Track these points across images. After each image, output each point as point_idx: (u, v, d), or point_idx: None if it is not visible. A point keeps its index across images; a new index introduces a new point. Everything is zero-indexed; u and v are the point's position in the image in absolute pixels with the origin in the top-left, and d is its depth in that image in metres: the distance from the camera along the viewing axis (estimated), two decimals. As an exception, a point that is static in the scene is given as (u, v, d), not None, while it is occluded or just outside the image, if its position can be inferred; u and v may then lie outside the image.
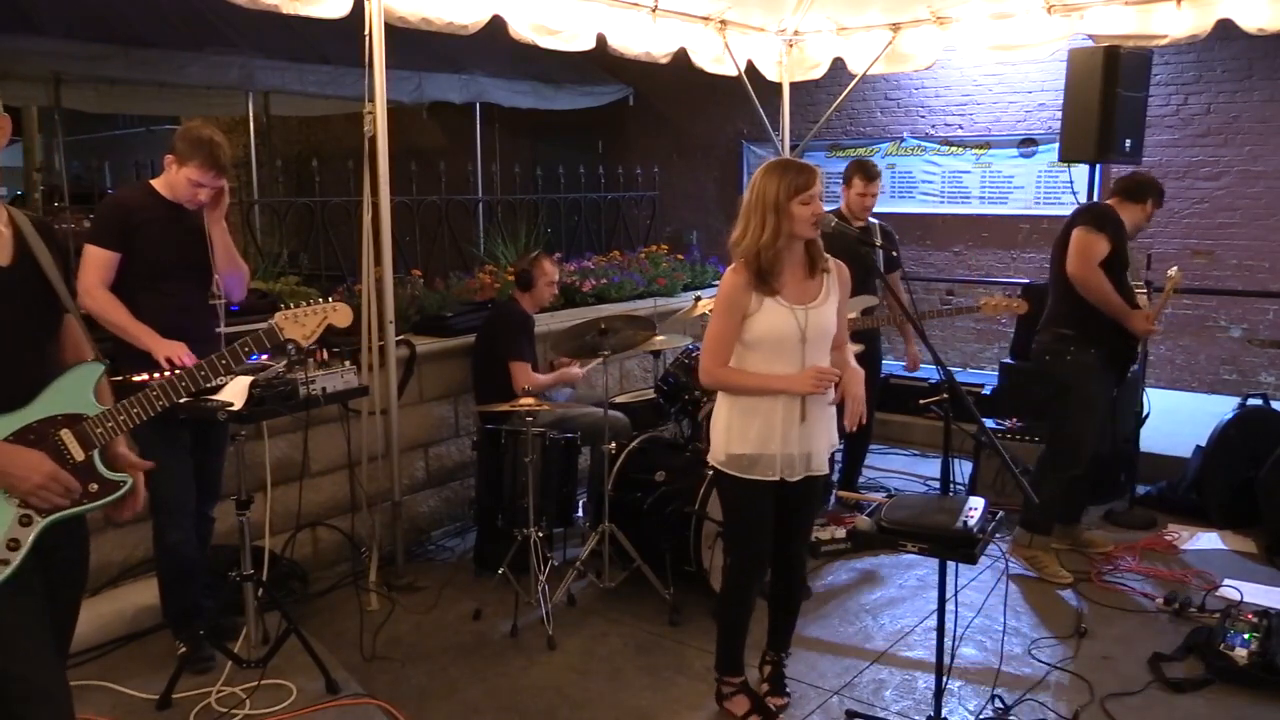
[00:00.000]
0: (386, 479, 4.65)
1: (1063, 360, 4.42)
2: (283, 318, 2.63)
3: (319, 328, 2.70)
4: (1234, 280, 7.10)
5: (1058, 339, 4.45)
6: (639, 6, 5.38)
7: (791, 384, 3.04)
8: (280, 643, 3.49)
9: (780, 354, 3.06)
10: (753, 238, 2.99)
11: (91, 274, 3.38)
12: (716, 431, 3.17)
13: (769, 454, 3.08)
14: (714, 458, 3.17)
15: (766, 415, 3.07)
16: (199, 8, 7.35)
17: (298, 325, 2.66)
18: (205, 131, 3.44)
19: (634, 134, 10.12)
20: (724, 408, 3.16)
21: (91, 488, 2.19)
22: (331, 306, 2.73)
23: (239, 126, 10.68)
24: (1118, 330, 4.36)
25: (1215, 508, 5.13)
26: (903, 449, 6.59)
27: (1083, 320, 4.36)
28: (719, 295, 3.09)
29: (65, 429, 2.16)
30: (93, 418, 2.19)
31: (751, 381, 3.08)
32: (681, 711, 3.42)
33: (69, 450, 2.16)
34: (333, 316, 2.72)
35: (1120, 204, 4.49)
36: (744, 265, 3.03)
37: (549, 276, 4.87)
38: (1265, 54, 6.80)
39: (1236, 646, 3.55)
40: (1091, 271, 4.29)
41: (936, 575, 3.04)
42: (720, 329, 3.07)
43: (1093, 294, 4.30)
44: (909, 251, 8.43)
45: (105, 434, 2.20)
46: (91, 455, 2.19)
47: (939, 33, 5.90)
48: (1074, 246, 4.34)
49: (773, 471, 3.09)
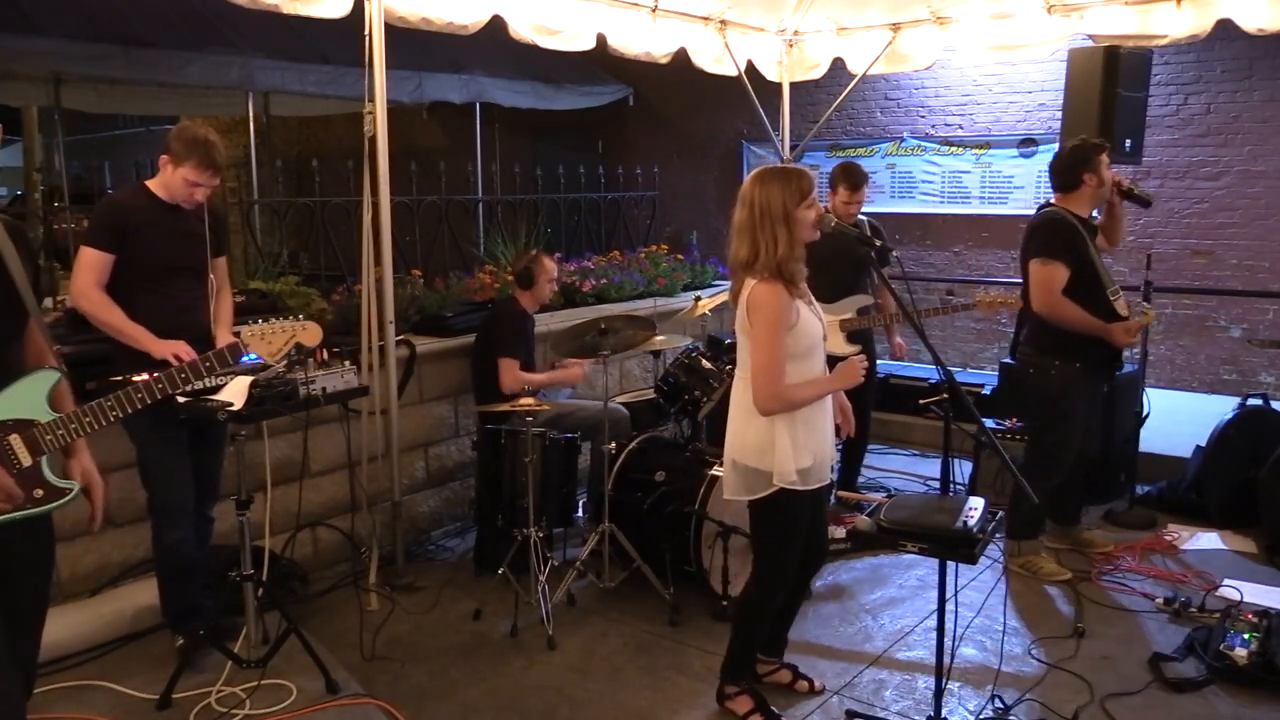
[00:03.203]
0: (386, 479, 4.65)
1: (1047, 375, 4.33)
2: (249, 334, 2.62)
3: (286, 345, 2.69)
4: (1234, 280, 7.10)
5: (1040, 354, 4.36)
6: (639, 6, 5.38)
7: (846, 379, 3.04)
8: (280, 643, 3.49)
9: (815, 357, 3.06)
10: (769, 252, 2.92)
11: (87, 276, 3.38)
12: (780, 452, 2.98)
13: (821, 459, 3.08)
14: (782, 479, 2.99)
15: (819, 421, 3.07)
16: (199, 8, 7.36)
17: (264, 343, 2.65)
18: (200, 131, 3.44)
19: (634, 134, 10.12)
20: (783, 427, 2.99)
21: (36, 493, 2.22)
22: (300, 325, 2.71)
23: (239, 126, 10.68)
24: (1098, 343, 4.26)
25: (1215, 508, 5.13)
26: (903, 449, 6.58)
27: (1060, 338, 4.26)
28: (767, 317, 2.92)
29: (15, 434, 2.19)
30: (44, 424, 2.22)
31: (814, 390, 3.02)
32: (681, 711, 3.41)
33: (16, 455, 2.19)
34: (301, 335, 2.71)
35: (1063, 199, 4.30)
36: (775, 279, 2.94)
37: (549, 274, 4.87)
38: (1265, 54, 6.80)
39: (1236, 646, 3.55)
40: (1055, 302, 4.17)
41: (936, 575, 3.04)
42: (778, 348, 2.93)
43: (1065, 323, 4.19)
44: (909, 251, 8.43)
45: (55, 441, 2.22)
46: (39, 461, 2.22)
47: (939, 33, 5.90)
48: (1032, 281, 4.23)
49: (825, 474, 3.11)
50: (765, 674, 3.51)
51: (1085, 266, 4.19)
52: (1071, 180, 4.27)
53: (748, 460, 3.05)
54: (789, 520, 3.10)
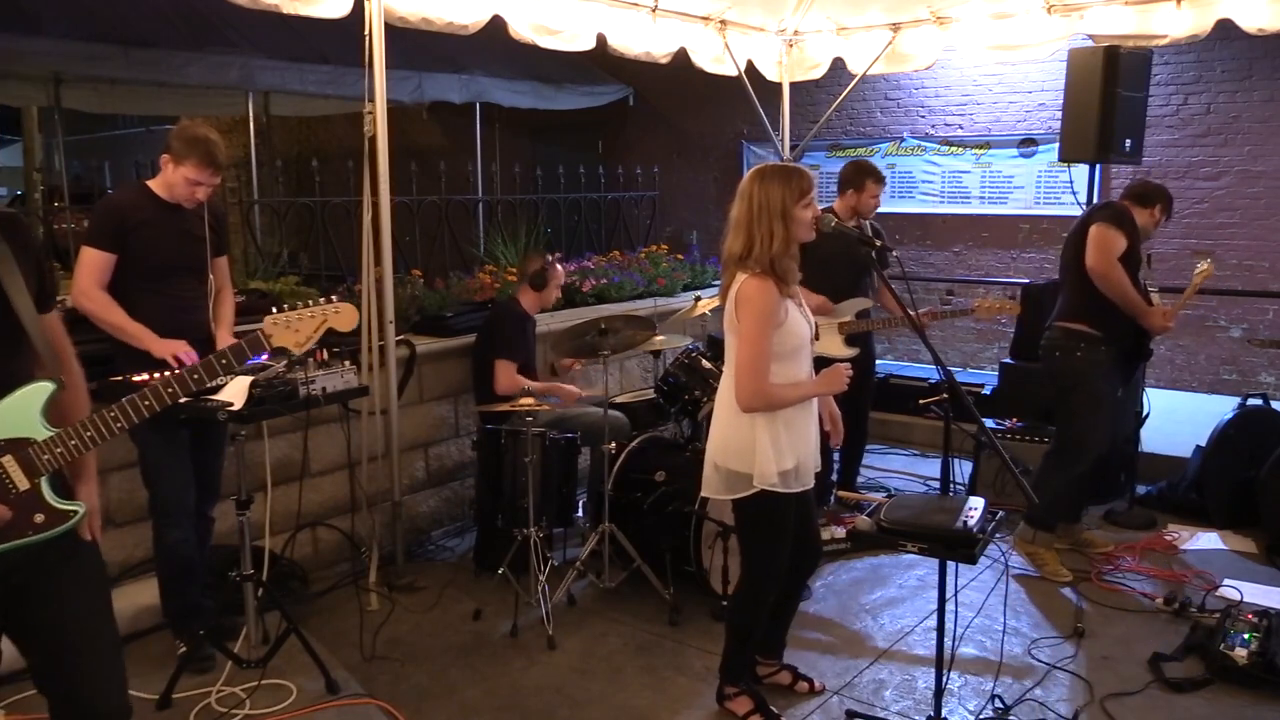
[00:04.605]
0: (386, 479, 4.65)
1: (1072, 357, 4.38)
2: (271, 323, 2.28)
3: (316, 332, 2.34)
4: (1234, 280, 7.10)
5: (1069, 335, 4.40)
6: (639, 6, 5.39)
7: (831, 384, 3.04)
8: (280, 643, 3.49)
9: (802, 358, 3.06)
10: (763, 248, 2.93)
11: (87, 275, 3.38)
12: (760, 454, 2.98)
13: (804, 462, 3.08)
14: (762, 481, 2.99)
15: (802, 424, 3.07)
16: (199, 8, 7.35)
17: (290, 332, 2.30)
18: (200, 130, 3.44)
19: (634, 134, 10.12)
20: (764, 428, 2.98)
21: (36, 519, 2.00)
22: (333, 308, 2.37)
23: (239, 126, 10.68)
24: (1132, 327, 4.34)
25: (1215, 508, 5.13)
26: (903, 449, 6.58)
27: (1098, 316, 4.32)
28: (756, 312, 2.91)
29: (8, 455, 1.98)
30: (40, 443, 2.00)
31: (797, 392, 3.02)
32: (681, 711, 3.41)
33: (11, 479, 1.98)
34: (333, 319, 2.37)
35: (1131, 207, 4.48)
36: (766, 275, 2.94)
37: (560, 279, 4.94)
38: (1265, 54, 6.80)
39: (1236, 646, 3.55)
40: (1111, 266, 4.26)
41: (936, 575, 3.03)
42: (764, 344, 2.92)
43: (1112, 289, 4.26)
44: (909, 252, 8.43)
45: (54, 460, 2.01)
46: (38, 483, 2.00)
47: (939, 33, 5.91)
48: (1093, 241, 4.30)
49: (809, 478, 3.10)
50: (765, 676, 3.51)
51: (1133, 253, 4.34)
52: (1146, 200, 4.53)
53: (729, 463, 3.05)
54: (772, 521, 3.10)
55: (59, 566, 2.08)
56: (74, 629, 2.11)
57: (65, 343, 2.21)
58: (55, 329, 2.17)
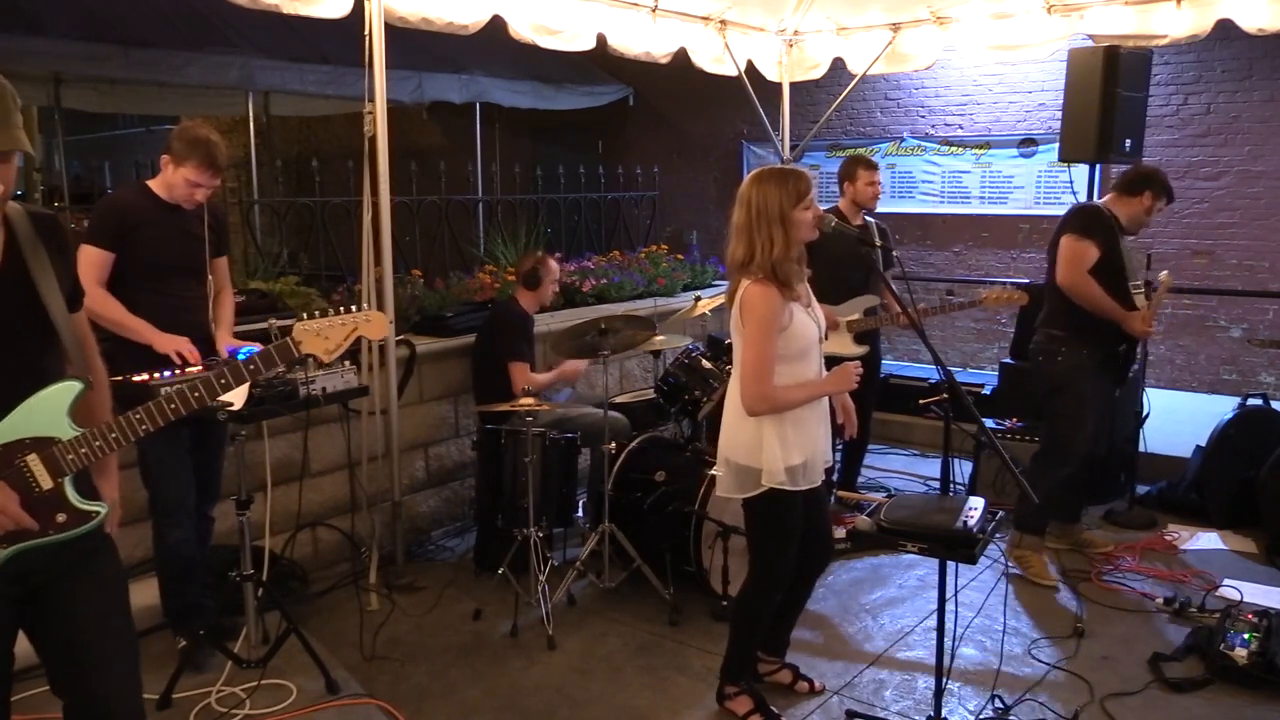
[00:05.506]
0: (386, 479, 4.65)
1: (1054, 361, 4.43)
2: (302, 330, 2.22)
3: (346, 340, 2.27)
4: (1234, 280, 7.10)
5: (1050, 340, 4.47)
6: (639, 6, 5.38)
7: (839, 383, 3.06)
8: (280, 643, 3.49)
9: (809, 360, 3.07)
10: (765, 253, 2.94)
11: (87, 273, 3.36)
12: (768, 451, 3.00)
13: (813, 459, 3.08)
14: (771, 479, 3.00)
15: (812, 422, 3.07)
16: (199, 8, 7.35)
17: (320, 339, 2.23)
18: (201, 131, 3.44)
19: (634, 134, 10.12)
20: (771, 426, 3.00)
21: (58, 518, 2.00)
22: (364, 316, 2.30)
23: (239, 126, 10.67)
24: (1112, 331, 4.35)
25: (1215, 508, 5.13)
26: (903, 449, 6.58)
27: (1074, 321, 4.36)
28: (758, 317, 2.94)
29: (33, 454, 1.96)
30: (65, 442, 1.99)
31: (804, 393, 3.03)
32: (681, 711, 3.41)
33: (35, 478, 1.97)
34: (364, 328, 2.30)
35: (1116, 199, 4.46)
36: (769, 280, 2.95)
37: (554, 275, 4.91)
38: (1265, 54, 6.80)
39: (1236, 646, 3.55)
40: (1080, 279, 4.29)
41: (936, 575, 3.04)
42: (768, 349, 2.94)
43: (1084, 301, 4.30)
44: (909, 252, 8.43)
45: (78, 460, 1.99)
46: (62, 483, 2.00)
47: (939, 33, 5.91)
48: (1062, 255, 4.35)
49: (818, 476, 3.10)
50: (767, 674, 3.51)
51: (1113, 254, 4.33)
52: (1133, 188, 4.43)
53: (738, 458, 3.08)
54: (781, 520, 3.11)
55: (78, 566, 2.08)
56: (92, 630, 2.10)
57: (91, 342, 2.22)
58: (83, 328, 2.18)
